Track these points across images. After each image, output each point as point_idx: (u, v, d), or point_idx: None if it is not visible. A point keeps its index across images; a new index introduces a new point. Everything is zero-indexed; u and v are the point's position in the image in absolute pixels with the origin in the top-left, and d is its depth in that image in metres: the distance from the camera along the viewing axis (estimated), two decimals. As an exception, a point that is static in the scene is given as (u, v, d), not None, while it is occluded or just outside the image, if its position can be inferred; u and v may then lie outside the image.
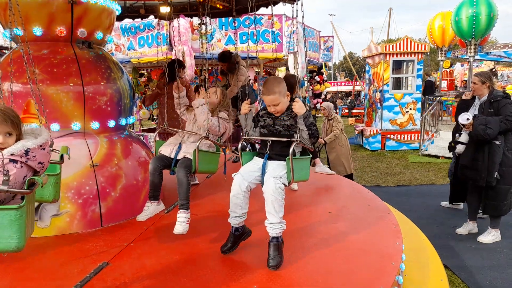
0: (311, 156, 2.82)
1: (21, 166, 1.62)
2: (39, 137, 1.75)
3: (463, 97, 4.67)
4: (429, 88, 13.84)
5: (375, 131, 11.87)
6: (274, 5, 5.42)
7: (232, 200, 2.64)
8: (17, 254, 2.71)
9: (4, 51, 3.18)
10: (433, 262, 3.28)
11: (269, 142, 2.69)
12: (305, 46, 3.52)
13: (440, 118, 11.50)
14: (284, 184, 2.56)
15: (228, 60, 5.22)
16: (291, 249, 2.74)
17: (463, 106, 4.68)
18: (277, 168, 2.60)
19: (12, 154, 1.62)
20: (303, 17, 3.08)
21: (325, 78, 14.87)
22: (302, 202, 4.02)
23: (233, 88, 5.11)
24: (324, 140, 6.30)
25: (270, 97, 2.63)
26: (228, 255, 2.74)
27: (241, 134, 2.95)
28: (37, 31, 3.31)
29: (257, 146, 3.09)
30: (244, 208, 2.65)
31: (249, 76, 5.86)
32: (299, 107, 2.60)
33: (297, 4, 3.33)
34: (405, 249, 3.05)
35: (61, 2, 3.28)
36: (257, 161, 2.75)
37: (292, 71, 9.10)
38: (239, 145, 2.86)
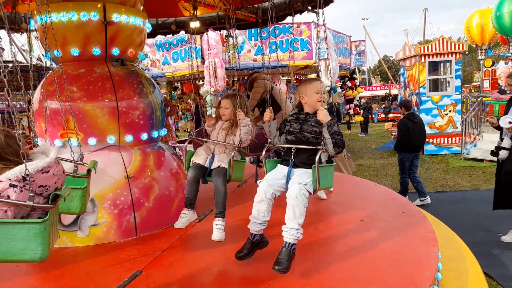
0: (335, 163, 2.78)
1: (21, 191, 1.68)
2: (42, 161, 1.78)
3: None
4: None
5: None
6: (300, 14, 5.47)
7: (256, 206, 2.63)
8: (57, 263, 2.88)
9: (49, 71, 3.46)
10: (472, 271, 3.10)
11: (293, 149, 2.68)
12: (316, 51, 3.52)
13: (483, 120, 10.94)
14: (308, 192, 2.54)
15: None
16: (319, 258, 2.71)
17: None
18: (302, 176, 2.59)
19: (10, 179, 1.67)
20: (325, 25, 3.08)
21: (358, 83, 14.60)
22: (333, 209, 3.97)
23: (250, 101, 5.33)
24: None
25: (320, 82, 2.80)
26: (258, 264, 2.73)
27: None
28: (74, 51, 3.53)
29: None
30: (266, 216, 2.63)
31: (275, 85, 5.94)
32: (323, 115, 2.58)
33: (321, 13, 3.34)
34: (442, 258, 2.93)
35: (95, 24, 3.48)
36: (282, 169, 2.74)
37: (323, 78, 9.05)
38: (263, 153, 2.87)
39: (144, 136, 3.76)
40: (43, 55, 3.79)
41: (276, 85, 6.06)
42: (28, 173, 1.67)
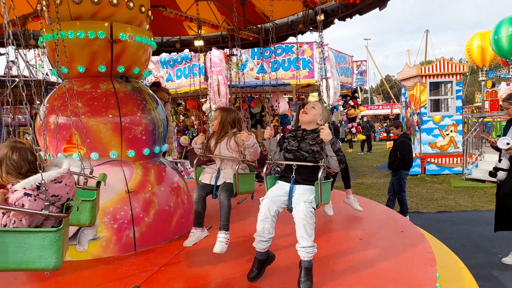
0: (332, 179, 2.82)
1: (35, 200, 1.73)
2: (55, 171, 1.84)
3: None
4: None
5: (414, 155, 11.50)
6: (302, 34, 5.60)
7: (260, 224, 2.65)
8: (56, 277, 2.88)
9: (55, 86, 3.56)
10: (471, 293, 3.09)
11: (294, 166, 2.72)
12: (318, 71, 3.61)
13: (484, 140, 10.96)
14: (313, 208, 2.58)
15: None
16: (319, 276, 2.71)
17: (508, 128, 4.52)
18: (305, 193, 2.63)
19: (24, 188, 1.73)
20: (325, 45, 3.17)
21: (359, 102, 14.73)
22: (332, 227, 3.97)
23: None
24: None
25: (316, 102, 2.91)
26: (257, 280, 2.73)
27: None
28: (80, 68, 3.62)
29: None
30: (271, 233, 2.67)
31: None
32: (326, 134, 2.63)
33: (321, 34, 3.42)
34: (441, 278, 2.92)
35: (102, 42, 3.58)
36: (283, 185, 2.77)
37: (324, 96, 9.15)
38: (264, 169, 2.90)
39: (146, 151, 3.81)
40: (50, 69, 3.88)
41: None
42: (42, 182, 1.72)
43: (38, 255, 1.69)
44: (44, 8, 3.58)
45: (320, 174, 2.54)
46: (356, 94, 14.15)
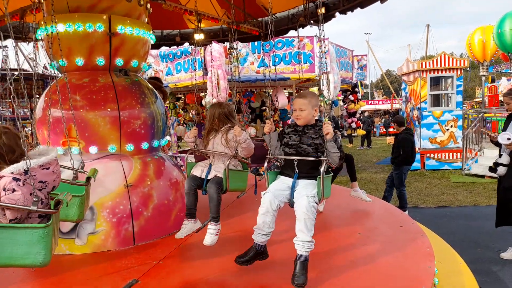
0: (332, 174, 2.81)
1: (24, 184, 1.73)
2: (43, 157, 1.84)
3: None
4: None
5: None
6: (302, 28, 5.55)
7: (261, 218, 2.64)
8: (54, 270, 2.89)
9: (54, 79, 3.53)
10: (469, 287, 3.09)
11: (295, 161, 2.70)
12: (318, 65, 3.57)
13: (484, 135, 10.96)
14: (316, 203, 2.57)
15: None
16: (317, 271, 2.71)
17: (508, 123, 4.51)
18: (308, 187, 2.62)
19: (12, 173, 1.72)
20: (326, 39, 3.13)
21: (359, 97, 14.69)
22: (331, 222, 3.97)
23: None
24: None
25: (301, 99, 2.74)
26: (254, 275, 2.73)
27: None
28: (79, 61, 3.60)
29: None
30: (271, 227, 2.66)
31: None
32: (327, 129, 2.60)
33: (321, 27, 3.39)
34: (439, 273, 2.92)
35: (100, 35, 3.55)
36: (286, 180, 2.76)
37: (324, 91, 9.12)
38: (265, 165, 2.88)
39: (145, 145, 3.79)
40: (49, 63, 3.85)
41: None
42: (30, 166, 1.72)
43: (26, 251, 1.68)
44: (42, 0, 3.54)
45: (322, 168, 2.53)
46: (356, 89, 14.11)
